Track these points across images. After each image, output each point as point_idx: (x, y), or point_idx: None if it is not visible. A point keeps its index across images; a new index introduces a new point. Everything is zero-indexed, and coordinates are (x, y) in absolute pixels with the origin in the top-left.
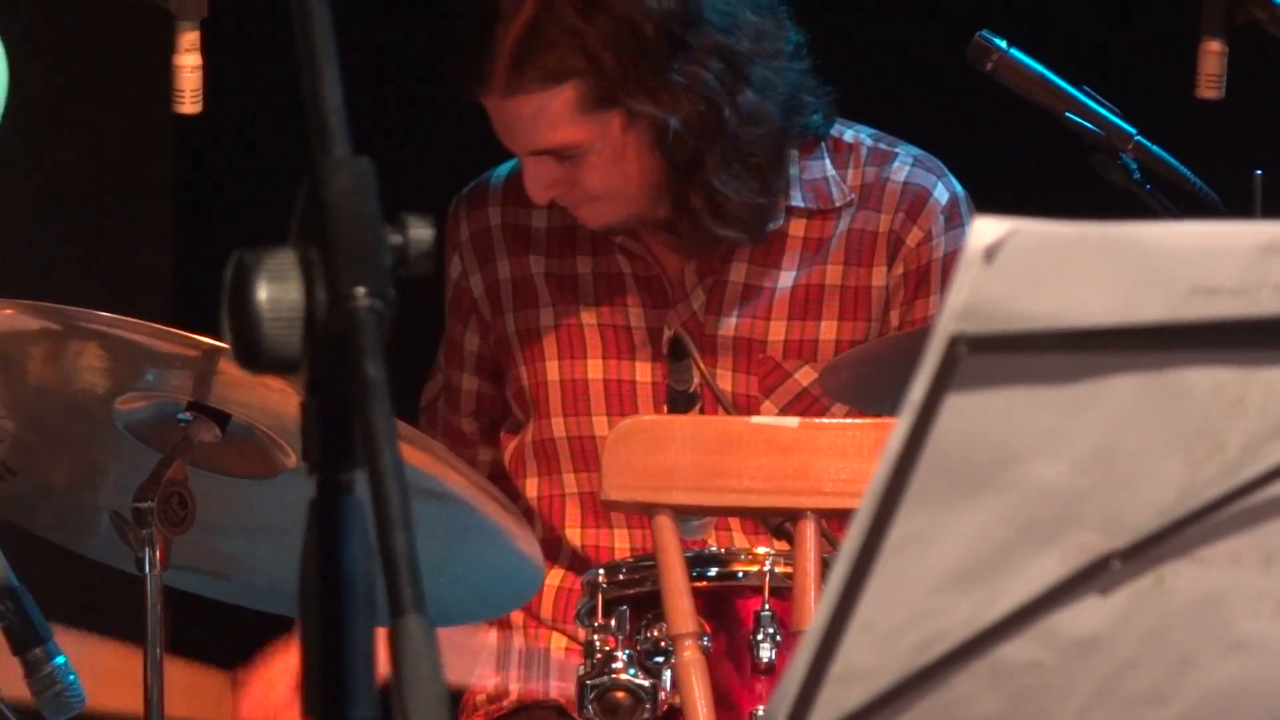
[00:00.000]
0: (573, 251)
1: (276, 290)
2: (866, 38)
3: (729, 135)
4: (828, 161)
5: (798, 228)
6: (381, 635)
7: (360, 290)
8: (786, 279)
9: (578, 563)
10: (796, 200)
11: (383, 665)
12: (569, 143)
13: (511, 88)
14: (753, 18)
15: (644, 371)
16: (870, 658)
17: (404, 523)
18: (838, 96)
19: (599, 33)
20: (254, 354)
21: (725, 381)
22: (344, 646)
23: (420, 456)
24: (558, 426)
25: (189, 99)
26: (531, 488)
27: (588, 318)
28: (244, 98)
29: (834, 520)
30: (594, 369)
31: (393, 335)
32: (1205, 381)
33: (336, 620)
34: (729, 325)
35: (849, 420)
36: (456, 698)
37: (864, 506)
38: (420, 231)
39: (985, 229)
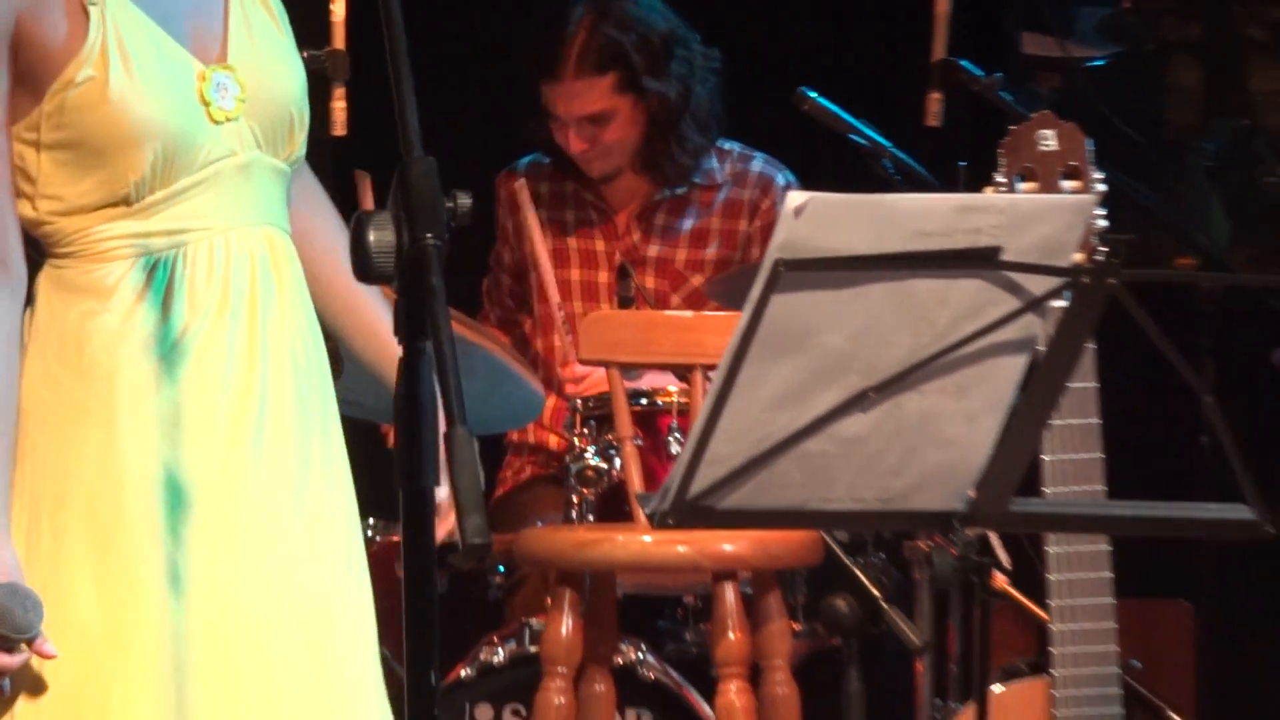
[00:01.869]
0: (562, 206)
1: (380, 235)
2: (741, 92)
3: (691, 109)
4: (714, 159)
5: (695, 195)
6: (441, 437)
7: (429, 235)
8: (688, 225)
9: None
10: (696, 179)
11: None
12: (604, 110)
13: (576, 75)
14: (696, 45)
15: (604, 278)
16: (727, 449)
17: (454, 370)
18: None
19: (629, 43)
20: (367, 272)
21: (649, 282)
22: (419, 442)
23: (466, 330)
24: (554, 308)
25: (340, 125)
26: (538, 345)
27: (572, 244)
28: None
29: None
30: (575, 275)
31: (447, 260)
32: (923, 286)
33: (415, 427)
34: (653, 250)
35: (721, 312)
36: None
37: (724, 361)
38: (464, 200)
39: (796, 197)
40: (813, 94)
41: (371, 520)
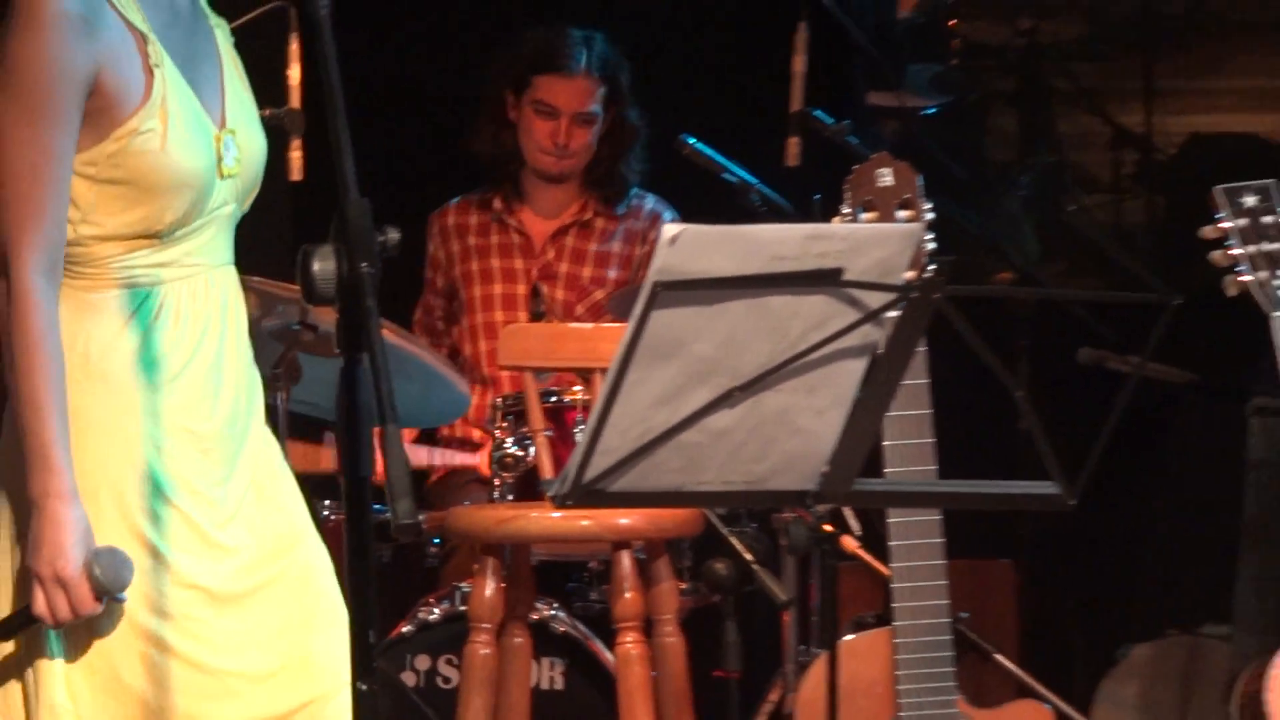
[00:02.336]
0: (488, 233)
1: (323, 265)
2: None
3: (637, 133)
4: None
5: (599, 224)
6: (375, 433)
7: (364, 264)
8: (593, 249)
9: (488, 391)
10: (601, 211)
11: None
12: (595, 112)
13: (586, 74)
14: None
15: (522, 290)
16: (616, 441)
17: (386, 377)
18: None
19: (619, 66)
20: (312, 295)
21: (560, 294)
22: (358, 438)
23: (403, 340)
24: (480, 319)
25: (297, 172)
26: (467, 350)
27: (495, 263)
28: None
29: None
30: (498, 289)
31: (387, 283)
32: (779, 302)
33: (354, 425)
34: (564, 267)
35: (615, 324)
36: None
37: (612, 367)
38: (393, 235)
39: (670, 228)
40: (691, 140)
41: (327, 502)
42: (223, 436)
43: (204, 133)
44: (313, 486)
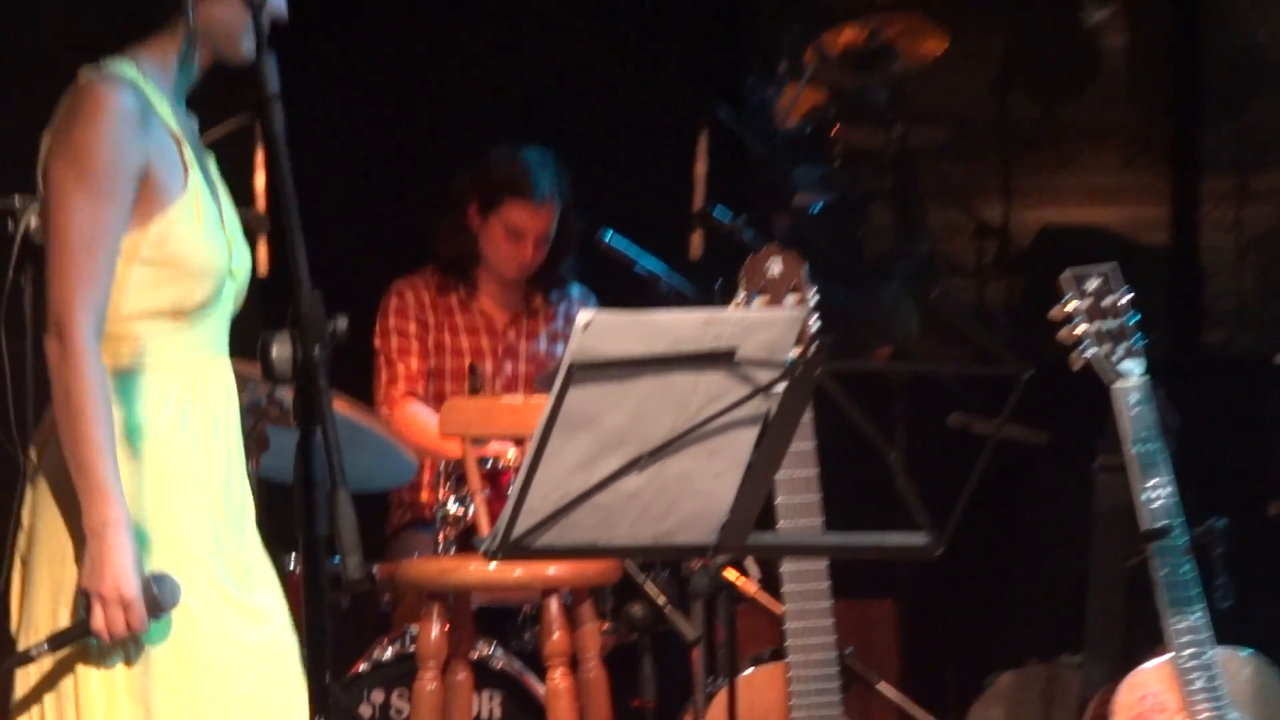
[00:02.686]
0: (450, 311)
1: (281, 349)
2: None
3: (577, 238)
4: None
5: (543, 308)
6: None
7: (317, 348)
8: (543, 329)
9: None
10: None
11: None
12: (550, 233)
13: (548, 199)
14: None
15: (488, 364)
16: (539, 502)
17: (336, 447)
18: None
19: (565, 184)
20: (271, 376)
21: (522, 368)
22: (313, 501)
23: (360, 414)
24: (432, 387)
25: (263, 268)
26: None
27: (448, 340)
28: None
29: None
30: (449, 367)
31: (337, 364)
32: (680, 379)
33: (310, 489)
34: (520, 345)
35: (543, 397)
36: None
37: (534, 437)
38: (342, 323)
39: (584, 315)
40: (609, 236)
41: (292, 554)
42: (235, 512)
43: (220, 232)
44: (280, 542)
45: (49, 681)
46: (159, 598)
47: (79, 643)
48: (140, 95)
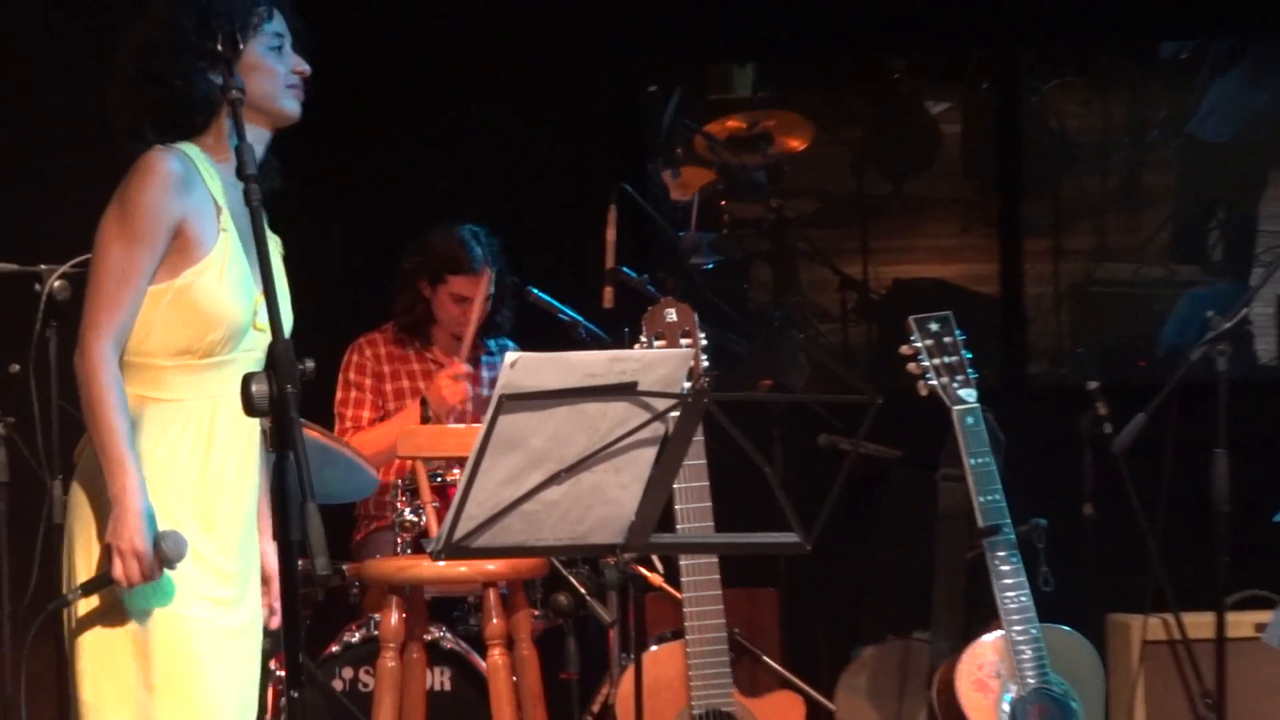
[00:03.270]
0: (406, 360)
1: (260, 387)
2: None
3: (510, 294)
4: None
5: (483, 355)
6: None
7: (289, 386)
8: (485, 374)
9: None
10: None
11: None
12: (488, 293)
13: (485, 270)
14: None
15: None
16: (475, 510)
17: (306, 467)
18: None
19: (498, 250)
20: (251, 410)
21: (470, 405)
22: (288, 512)
23: (331, 441)
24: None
25: None
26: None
27: (406, 384)
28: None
29: None
30: (406, 403)
31: (307, 398)
32: (591, 407)
33: (284, 503)
34: (469, 387)
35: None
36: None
37: (471, 456)
38: (310, 365)
39: (511, 356)
40: (536, 290)
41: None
42: (227, 530)
43: (248, 292)
44: None
45: (79, 627)
46: (167, 552)
47: (104, 590)
48: (187, 163)
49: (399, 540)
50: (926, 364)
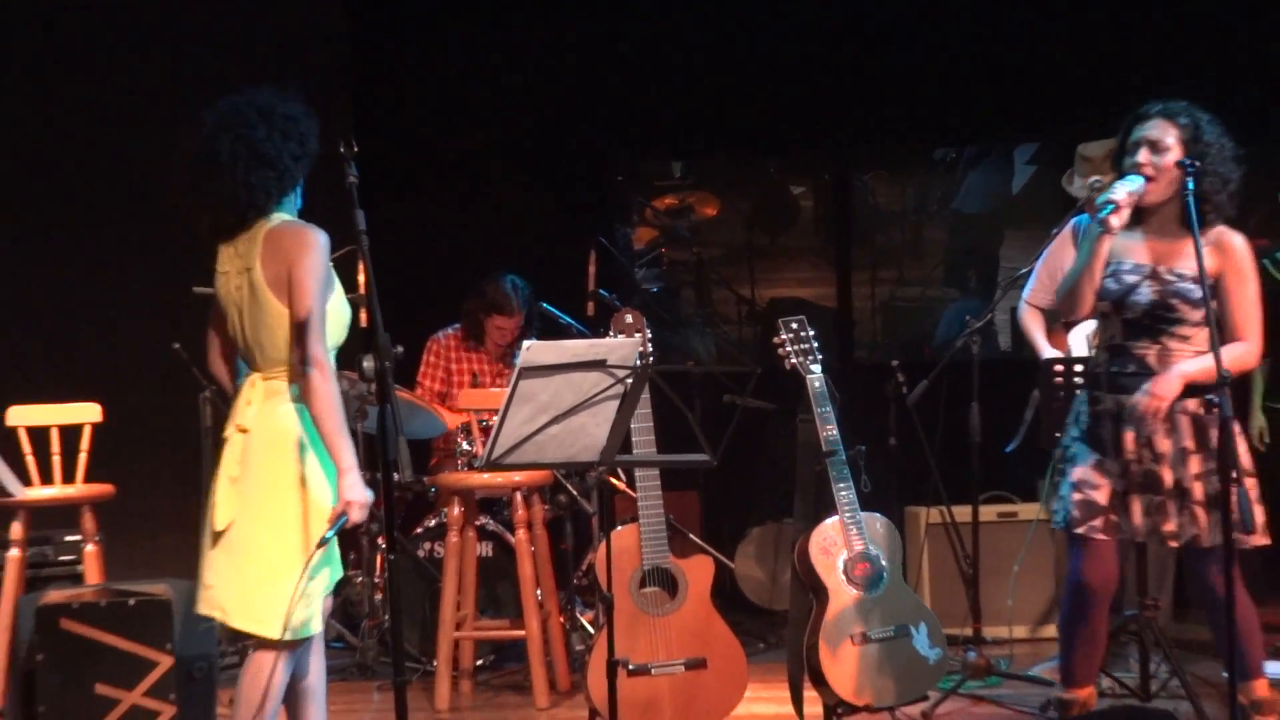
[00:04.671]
0: (469, 353)
1: (367, 364)
2: None
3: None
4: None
5: (515, 350)
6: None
7: (385, 363)
8: (513, 364)
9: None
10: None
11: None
12: (519, 326)
13: (516, 312)
14: None
15: (485, 379)
16: (505, 441)
17: (396, 414)
18: None
19: (530, 293)
20: (363, 378)
21: (496, 380)
22: (386, 442)
23: (410, 398)
24: (459, 389)
25: (363, 320)
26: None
27: (478, 367)
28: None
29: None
30: (466, 379)
31: (399, 370)
32: (577, 375)
33: (384, 436)
34: (500, 368)
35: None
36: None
37: (502, 406)
38: (399, 349)
39: (527, 344)
40: (546, 305)
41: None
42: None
43: (347, 312)
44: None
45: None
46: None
47: (336, 528)
48: (321, 232)
49: (459, 461)
50: (789, 349)
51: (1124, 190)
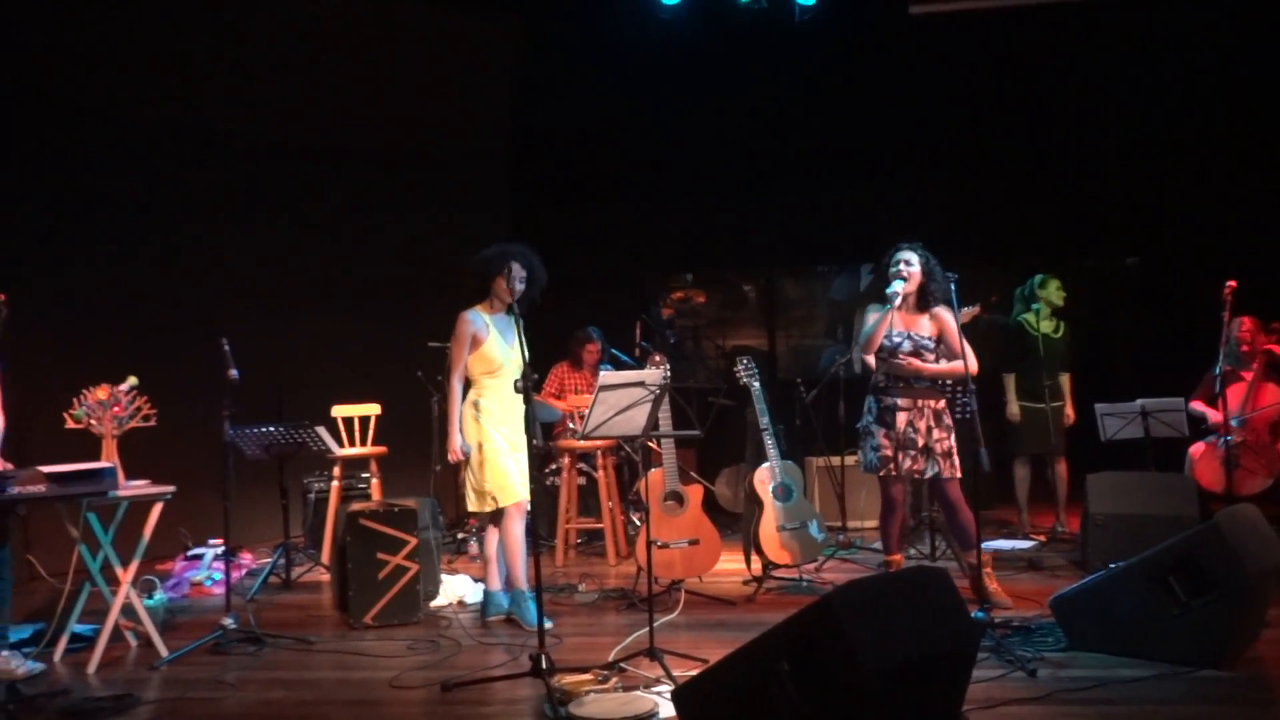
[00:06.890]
0: (576, 375)
1: (521, 382)
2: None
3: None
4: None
5: (596, 373)
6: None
7: (528, 381)
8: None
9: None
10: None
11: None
12: (600, 354)
13: (597, 343)
14: None
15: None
16: (594, 423)
17: (533, 409)
18: None
19: (604, 341)
20: (515, 390)
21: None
22: (529, 425)
23: (540, 397)
24: (569, 394)
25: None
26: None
27: (575, 384)
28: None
29: None
30: (571, 392)
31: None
32: (630, 389)
33: (529, 420)
34: (592, 384)
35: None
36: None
37: (590, 406)
38: (534, 375)
39: (604, 373)
40: (615, 350)
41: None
42: (519, 455)
43: (504, 349)
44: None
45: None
46: (461, 452)
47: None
48: (478, 315)
49: (568, 433)
50: (743, 373)
51: (899, 285)
